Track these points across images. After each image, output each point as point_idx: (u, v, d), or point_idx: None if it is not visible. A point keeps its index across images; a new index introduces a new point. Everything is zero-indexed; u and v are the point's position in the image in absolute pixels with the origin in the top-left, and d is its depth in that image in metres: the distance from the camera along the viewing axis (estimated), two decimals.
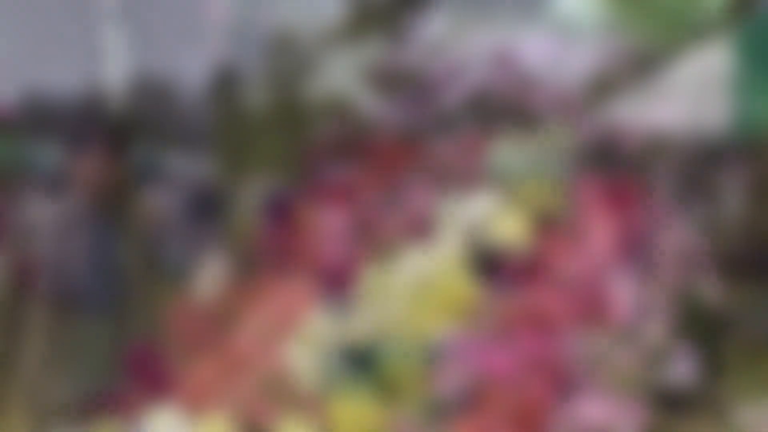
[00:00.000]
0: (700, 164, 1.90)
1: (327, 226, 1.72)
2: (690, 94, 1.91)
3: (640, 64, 1.93)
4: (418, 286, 1.56)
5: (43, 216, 1.72)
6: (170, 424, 1.37)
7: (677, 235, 1.76)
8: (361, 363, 1.49)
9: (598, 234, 1.72)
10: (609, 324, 1.58)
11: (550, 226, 1.72)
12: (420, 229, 1.69)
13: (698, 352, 1.62)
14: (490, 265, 1.67)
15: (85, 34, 1.77)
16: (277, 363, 1.46)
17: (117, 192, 1.73)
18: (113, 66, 1.78)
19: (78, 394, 1.60)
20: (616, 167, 1.95)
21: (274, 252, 1.70)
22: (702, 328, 1.75)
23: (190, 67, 1.78)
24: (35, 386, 1.61)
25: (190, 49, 1.79)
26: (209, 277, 1.54)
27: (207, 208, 1.78)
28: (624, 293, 1.62)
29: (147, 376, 1.49)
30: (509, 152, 1.79)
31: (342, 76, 1.87)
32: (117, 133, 1.76)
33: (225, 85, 1.79)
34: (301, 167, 1.89)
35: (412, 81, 2.04)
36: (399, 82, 1.99)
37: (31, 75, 1.73)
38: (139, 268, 1.69)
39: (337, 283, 1.63)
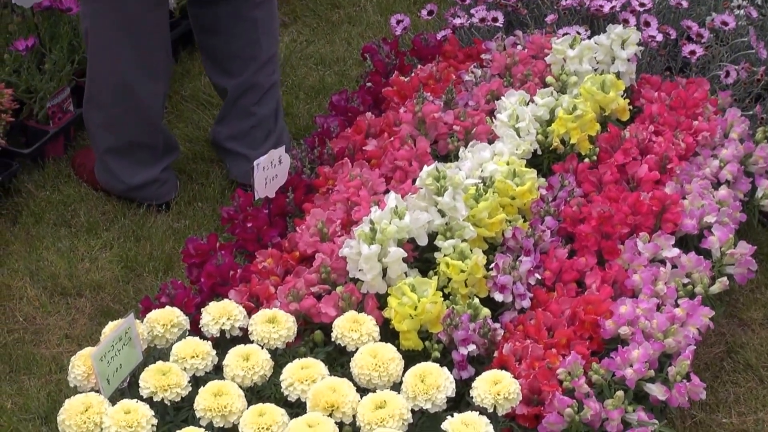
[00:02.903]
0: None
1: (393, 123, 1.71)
2: None
3: None
4: (482, 181, 1.55)
5: None
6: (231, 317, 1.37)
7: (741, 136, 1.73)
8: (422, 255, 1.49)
9: (663, 134, 1.69)
10: (672, 228, 1.56)
11: (614, 124, 1.70)
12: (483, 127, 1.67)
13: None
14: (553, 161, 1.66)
15: None
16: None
17: None
18: None
19: None
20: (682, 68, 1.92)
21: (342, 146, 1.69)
22: None
23: None
24: None
25: None
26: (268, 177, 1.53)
27: None
28: (687, 197, 1.60)
29: (209, 270, 1.49)
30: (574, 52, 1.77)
31: None
32: None
33: None
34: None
35: None
36: None
37: None
38: None
39: (402, 176, 1.62)
